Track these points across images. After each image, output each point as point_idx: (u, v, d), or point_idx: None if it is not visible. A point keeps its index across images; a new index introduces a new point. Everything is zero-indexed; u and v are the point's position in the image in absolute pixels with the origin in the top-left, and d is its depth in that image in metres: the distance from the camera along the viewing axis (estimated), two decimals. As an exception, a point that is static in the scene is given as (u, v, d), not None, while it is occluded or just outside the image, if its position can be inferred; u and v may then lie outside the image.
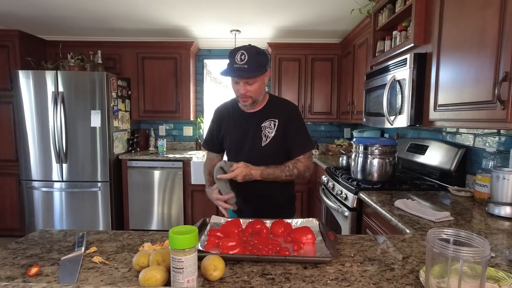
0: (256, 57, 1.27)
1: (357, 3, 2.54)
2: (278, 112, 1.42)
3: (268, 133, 1.40)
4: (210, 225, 1.16)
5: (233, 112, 1.48)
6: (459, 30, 1.40)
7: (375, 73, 2.22)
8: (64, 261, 0.88)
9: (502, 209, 1.31)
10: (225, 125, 1.49)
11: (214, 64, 3.97)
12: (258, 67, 1.28)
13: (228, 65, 1.30)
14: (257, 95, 1.37)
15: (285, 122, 1.41)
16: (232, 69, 1.27)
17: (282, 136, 1.40)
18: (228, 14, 2.96)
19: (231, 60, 1.28)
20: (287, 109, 1.45)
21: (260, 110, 1.43)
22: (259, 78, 1.33)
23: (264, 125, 1.41)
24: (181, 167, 3.31)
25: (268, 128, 1.40)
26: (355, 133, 3.39)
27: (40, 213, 3.19)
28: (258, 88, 1.35)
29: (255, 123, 1.42)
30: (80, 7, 2.79)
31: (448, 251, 0.63)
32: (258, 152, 1.41)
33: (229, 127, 1.48)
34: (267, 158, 1.40)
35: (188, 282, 0.72)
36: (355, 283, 0.78)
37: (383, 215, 1.41)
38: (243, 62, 1.25)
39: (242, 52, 1.26)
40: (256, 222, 1.10)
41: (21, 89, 3.06)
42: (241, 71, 1.26)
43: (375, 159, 1.92)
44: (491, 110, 1.19)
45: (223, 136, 1.51)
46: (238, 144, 1.45)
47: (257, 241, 0.98)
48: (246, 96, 1.33)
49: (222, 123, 1.50)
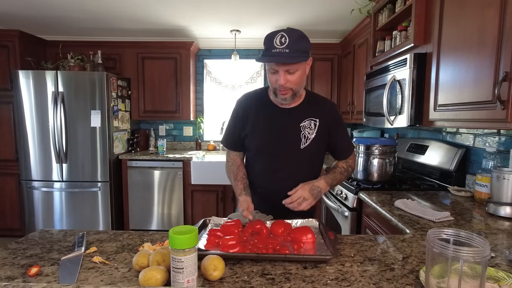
0: (299, 41, 1.11)
1: (357, 3, 2.54)
2: (319, 111, 1.26)
3: (308, 134, 1.24)
4: (211, 226, 1.16)
5: (263, 106, 1.26)
6: (459, 30, 1.40)
7: (375, 73, 2.22)
8: (64, 261, 0.88)
9: (502, 209, 1.31)
10: (252, 120, 1.26)
11: (214, 64, 3.97)
12: (302, 53, 1.11)
13: (265, 51, 1.11)
14: (299, 87, 1.18)
15: (327, 123, 1.27)
16: (270, 54, 1.09)
17: (322, 137, 1.27)
18: (228, 14, 2.96)
19: (268, 44, 1.10)
20: (328, 108, 1.30)
21: (298, 106, 1.25)
22: (301, 66, 1.15)
23: (304, 124, 1.24)
24: (181, 167, 3.31)
25: (308, 128, 1.24)
26: (355, 133, 3.38)
27: (40, 213, 3.19)
28: (300, 78, 1.16)
29: (293, 121, 1.24)
30: (80, 7, 2.79)
31: (448, 251, 0.63)
32: (294, 156, 1.26)
33: (257, 123, 1.26)
34: (302, 162, 1.27)
35: (188, 282, 0.72)
36: (355, 283, 0.78)
37: (383, 215, 1.41)
38: (284, 45, 1.07)
39: (282, 34, 1.08)
40: (256, 222, 1.10)
41: (21, 89, 3.06)
42: (282, 56, 1.08)
43: (375, 159, 1.92)
44: (491, 110, 1.19)
45: (248, 134, 1.28)
46: (269, 145, 1.26)
47: (257, 241, 0.99)
48: (286, 87, 1.14)
49: (247, 118, 1.27)
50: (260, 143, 1.27)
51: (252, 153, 1.32)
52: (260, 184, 1.30)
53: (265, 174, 1.30)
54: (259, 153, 1.29)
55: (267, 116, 1.26)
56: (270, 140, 1.26)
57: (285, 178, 1.27)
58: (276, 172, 1.28)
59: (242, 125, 1.29)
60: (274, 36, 1.10)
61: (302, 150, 1.24)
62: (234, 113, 1.32)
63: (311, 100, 1.30)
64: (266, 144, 1.27)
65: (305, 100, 1.28)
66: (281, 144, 1.25)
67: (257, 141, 1.27)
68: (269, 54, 1.10)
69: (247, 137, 1.29)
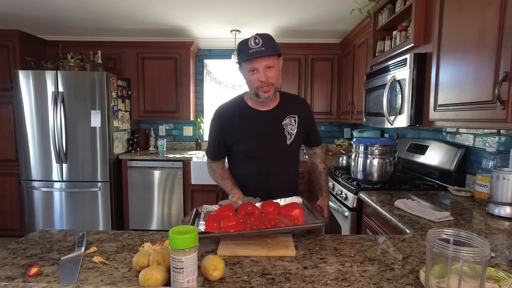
0: (270, 40, 1.23)
1: (357, 3, 2.54)
2: (295, 107, 1.39)
3: (290, 130, 1.36)
4: (204, 214, 1.17)
5: (244, 113, 1.35)
6: (459, 30, 1.40)
7: (375, 73, 2.22)
8: (64, 261, 0.88)
9: (502, 209, 1.31)
10: (236, 128, 1.34)
11: (214, 64, 3.97)
12: (276, 49, 1.23)
13: (242, 53, 1.22)
14: (277, 82, 1.28)
15: (305, 117, 1.40)
16: (248, 54, 1.19)
17: (303, 131, 1.40)
18: (228, 14, 2.96)
19: (244, 47, 1.21)
20: (302, 103, 1.44)
21: (276, 107, 1.36)
22: (277, 63, 1.26)
23: (285, 122, 1.36)
24: (181, 167, 3.31)
25: (290, 125, 1.36)
26: (355, 133, 3.38)
27: (40, 213, 3.19)
28: (277, 74, 1.27)
29: (275, 121, 1.35)
30: (80, 7, 2.79)
31: (448, 251, 0.63)
32: (283, 152, 1.37)
33: (243, 129, 1.34)
34: (291, 156, 1.41)
35: (188, 282, 0.72)
36: (355, 283, 0.78)
37: (383, 215, 1.41)
38: (259, 45, 1.19)
39: (255, 36, 1.20)
40: (247, 204, 1.13)
41: (21, 89, 3.06)
42: (260, 52, 1.18)
43: (375, 159, 1.92)
44: (491, 110, 1.19)
45: (235, 141, 1.36)
46: (258, 146, 1.34)
47: (253, 220, 1.02)
48: (268, 83, 1.23)
49: (231, 127, 1.35)
50: (249, 147, 1.35)
51: (240, 158, 1.39)
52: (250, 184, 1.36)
53: (255, 175, 1.37)
54: (249, 157, 1.37)
55: (251, 121, 1.34)
56: (259, 143, 1.34)
57: (274, 174, 1.38)
58: (266, 170, 1.37)
59: (227, 135, 1.36)
60: (247, 40, 1.21)
61: (288, 146, 1.36)
62: (216, 125, 1.38)
63: (286, 99, 1.41)
64: (255, 147, 1.35)
65: (281, 100, 1.39)
66: (270, 144, 1.35)
67: (247, 146, 1.35)
68: (247, 55, 1.20)
69: (234, 145, 1.37)
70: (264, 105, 1.34)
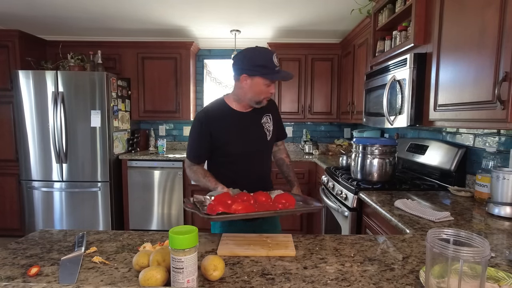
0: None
1: (357, 3, 2.54)
2: (268, 107, 1.49)
3: (268, 127, 1.50)
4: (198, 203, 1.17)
5: (230, 115, 1.43)
6: (459, 30, 1.40)
7: (375, 73, 2.22)
8: (64, 261, 0.88)
9: (502, 209, 1.31)
10: (223, 130, 1.40)
11: (214, 64, 3.97)
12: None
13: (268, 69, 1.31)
14: None
15: (275, 115, 1.56)
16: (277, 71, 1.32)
17: (276, 127, 1.54)
18: (228, 14, 2.96)
19: (270, 64, 1.30)
20: (272, 102, 1.55)
21: (254, 109, 1.46)
22: None
23: (263, 121, 1.49)
24: (181, 167, 3.31)
25: (267, 123, 1.50)
26: (355, 133, 3.38)
27: (40, 213, 3.19)
28: None
29: (256, 120, 1.47)
30: (80, 7, 2.79)
31: (448, 251, 0.63)
32: (265, 148, 1.51)
33: (230, 131, 1.41)
34: (269, 152, 1.56)
35: (188, 282, 0.72)
36: (355, 283, 0.78)
37: (383, 215, 1.41)
38: (279, 64, 1.33)
39: (275, 54, 1.32)
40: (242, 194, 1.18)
41: (21, 89, 3.06)
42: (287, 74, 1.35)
43: (375, 159, 1.92)
44: (491, 110, 1.19)
45: (224, 143, 1.41)
46: (247, 145, 1.43)
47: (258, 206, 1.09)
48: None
49: (217, 129, 1.40)
50: (238, 147, 1.43)
51: (228, 158, 1.45)
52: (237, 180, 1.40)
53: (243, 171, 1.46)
54: (237, 155, 1.45)
55: (238, 122, 1.44)
56: (246, 142, 1.44)
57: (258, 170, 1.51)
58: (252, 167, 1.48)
59: (216, 137, 1.41)
60: (271, 55, 1.31)
61: (268, 141, 1.50)
62: (203, 128, 1.41)
63: None
64: (243, 146, 1.44)
65: None
66: (255, 142, 1.47)
67: (236, 146, 1.43)
68: (275, 72, 1.32)
69: (223, 146, 1.42)
70: (246, 107, 1.44)
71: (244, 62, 1.34)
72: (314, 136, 4.00)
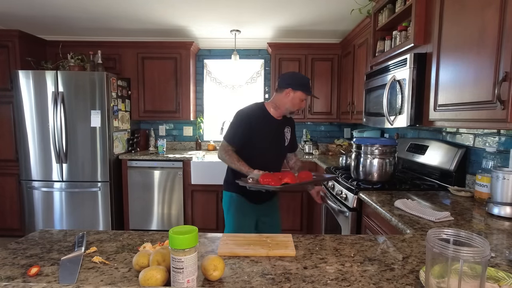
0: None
1: (357, 3, 2.54)
2: (288, 121, 1.94)
3: (287, 136, 1.92)
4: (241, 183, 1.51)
5: (265, 118, 1.83)
6: (459, 30, 1.40)
7: (375, 73, 2.22)
8: (64, 261, 0.88)
9: (502, 209, 1.31)
10: (257, 126, 1.78)
11: (214, 64, 3.97)
12: None
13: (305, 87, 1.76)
14: None
15: (293, 129, 1.99)
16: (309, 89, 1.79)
17: (291, 138, 1.96)
18: (228, 14, 2.96)
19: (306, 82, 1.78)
20: (292, 119, 1.99)
21: (282, 118, 1.89)
22: None
23: (285, 130, 1.91)
24: (181, 167, 3.31)
25: (287, 132, 1.92)
26: (355, 133, 3.38)
27: (40, 213, 3.19)
28: None
29: (281, 128, 1.89)
30: (80, 7, 2.79)
31: (448, 251, 0.63)
32: (281, 150, 1.93)
33: (262, 128, 1.79)
34: (283, 153, 1.97)
35: (188, 282, 0.72)
36: (355, 283, 0.78)
37: (383, 215, 1.41)
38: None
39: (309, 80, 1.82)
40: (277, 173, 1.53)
41: (21, 89, 3.06)
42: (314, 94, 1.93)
43: (375, 159, 1.92)
44: (491, 110, 1.19)
45: (254, 136, 1.77)
46: (269, 143, 1.82)
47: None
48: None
49: (253, 125, 1.77)
50: (265, 143, 1.82)
51: (255, 150, 1.80)
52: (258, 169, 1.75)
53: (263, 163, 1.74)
54: (263, 149, 1.81)
55: (268, 124, 1.84)
56: (271, 141, 1.85)
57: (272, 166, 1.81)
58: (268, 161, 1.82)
59: (253, 131, 1.77)
60: (309, 80, 1.81)
61: (285, 146, 1.93)
62: (247, 121, 1.78)
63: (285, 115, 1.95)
64: (269, 144, 1.83)
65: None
66: (276, 143, 1.87)
67: (264, 142, 1.81)
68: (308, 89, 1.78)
69: (254, 140, 1.78)
70: (279, 116, 1.86)
71: (293, 79, 1.76)
72: (314, 136, 4.00)
